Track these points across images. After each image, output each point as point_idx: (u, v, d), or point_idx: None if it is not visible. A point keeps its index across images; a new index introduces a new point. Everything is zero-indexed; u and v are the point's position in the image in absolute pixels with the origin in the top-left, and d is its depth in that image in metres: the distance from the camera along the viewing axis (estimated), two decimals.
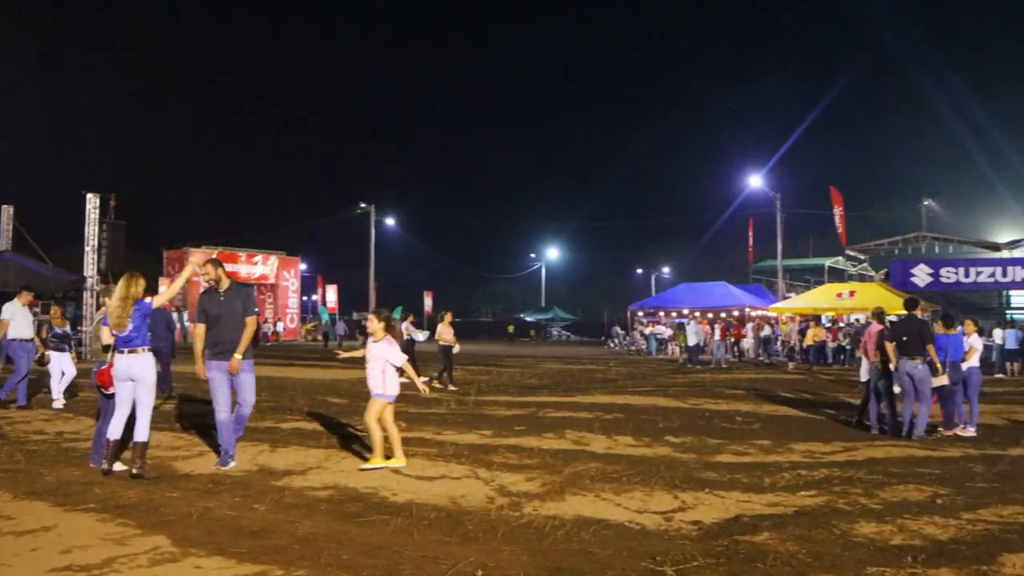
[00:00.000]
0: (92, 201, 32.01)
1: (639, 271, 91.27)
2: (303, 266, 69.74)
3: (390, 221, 65.87)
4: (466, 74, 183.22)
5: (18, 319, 14.44)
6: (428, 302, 71.80)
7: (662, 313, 46.67)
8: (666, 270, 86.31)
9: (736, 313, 42.11)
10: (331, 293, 69.50)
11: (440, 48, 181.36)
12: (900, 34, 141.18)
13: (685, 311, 41.81)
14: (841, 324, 34.84)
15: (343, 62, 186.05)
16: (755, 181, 47.68)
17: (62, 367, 14.88)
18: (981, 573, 5.68)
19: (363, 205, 57.72)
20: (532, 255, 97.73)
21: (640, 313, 49.58)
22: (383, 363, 9.16)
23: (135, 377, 8.56)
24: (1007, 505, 7.77)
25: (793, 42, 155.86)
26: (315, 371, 25.55)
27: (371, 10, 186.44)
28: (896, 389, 12.37)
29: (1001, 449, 11.20)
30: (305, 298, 74.51)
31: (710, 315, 40.11)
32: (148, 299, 8.77)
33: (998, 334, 27.76)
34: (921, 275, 37.43)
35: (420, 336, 23.45)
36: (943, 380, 12.12)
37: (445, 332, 20.08)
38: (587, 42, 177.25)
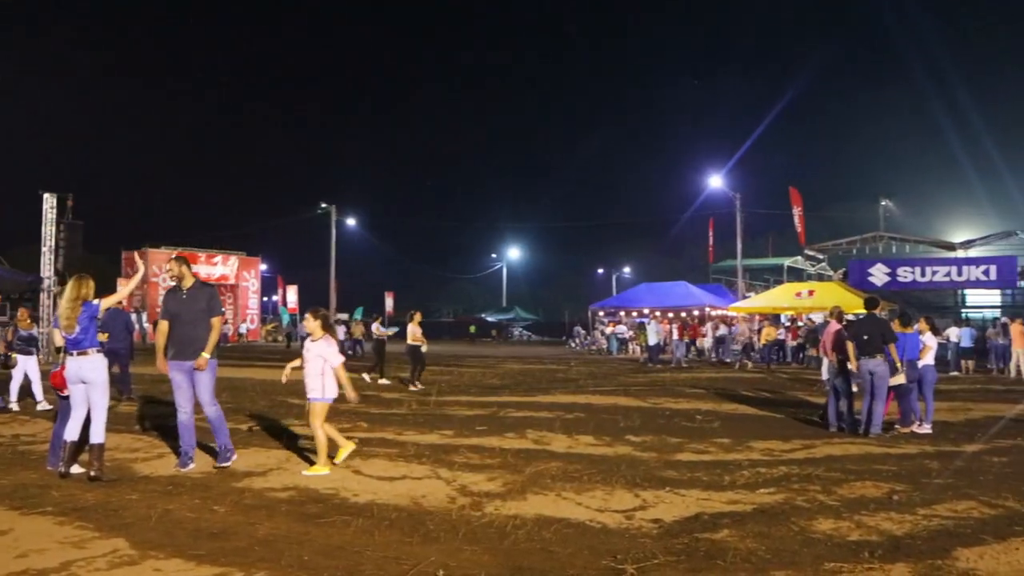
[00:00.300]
0: (49, 201, 31.67)
1: (600, 271, 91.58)
2: (263, 266, 69.39)
3: (351, 221, 65.67)
4: (426, 74, 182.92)
5: None
6: (389, 302, 71.63)
7: (623, 313, 46.85)
8: (627, 270, 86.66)
9: (696, 313, 42.35)
10: (291, 294, 69.06)
11: (400, 48, 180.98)
12: (857, 37, 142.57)
13: (646, 311, 42.00)
14: (800, 323, 35.10)
15: (303, 62, 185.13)
16: (715, 181, 47.94)
17: (26, 370, 14.70)
18: (936, 567, 5.75)
19: (324, 205, 57.47)
20: (493, 255, 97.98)
21: (601, 313, 49.74)
22: (322, 363, 8.97)
23: (86, 379, 8.49)
24: (961, 500, 7.88)
25: (753, 44, 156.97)
26: (275, 372, 25.28)
27: (330, 11, 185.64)
28: (854, 388, 12.51)
29: (956, 445, 11.34)
30: (265, 299, 74.10)
31: (670, 315, 40.34)
32: (97, 301, 8.68)
33: (953, 332, 28.10)
34: (879, 274, 37.89)
35: (388, 332, 23.49)
36: (900, 379, 12.27)
37: (414, 332, 20.03)
38: (548, 41, 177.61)
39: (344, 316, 57.63)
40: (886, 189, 69.87)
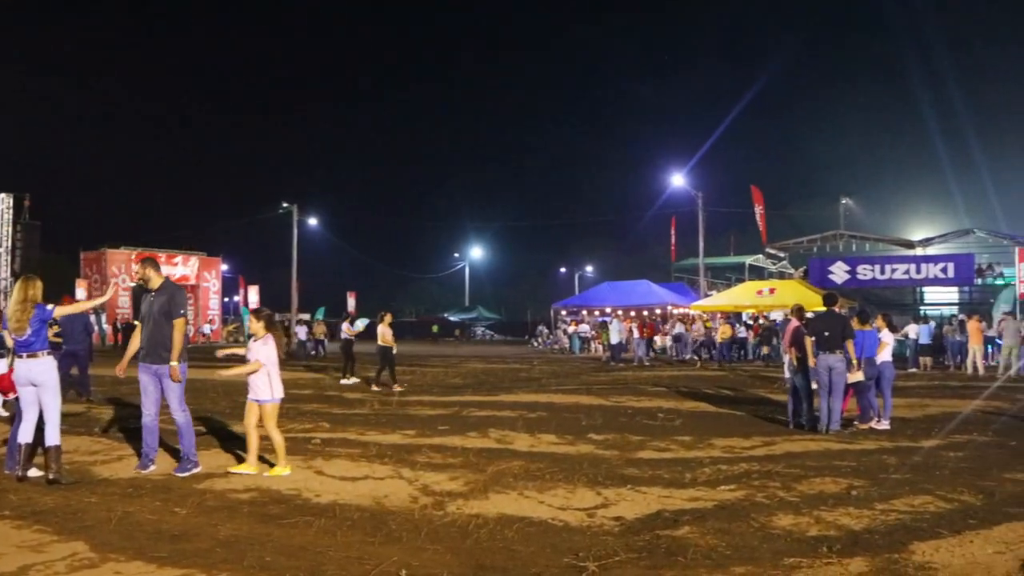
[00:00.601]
0: (5, 201, 31.41)
1: (563, 270, 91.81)
2: (224, 267, 68.80)
3: (313, 221, 65.36)
4: (389, 73, 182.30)
5: None
6: (351, 302, 71.16)
7: (585, 312, 47.00)
8: (589, 269, 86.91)
9: (659, 311, 42.55)
10: (253, 294, 68.50)
11: (362, 47, 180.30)
12: (818, 35, 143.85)
13: (608, 309, 42.16)
14: (762, 321, 35.39)
15: (264, 60, 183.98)
16: (677, 180, 48.19)
17: None
18: (892, 561, 5.83)
19: (285, 205, 57.14)
20: (456, 255, 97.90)
21: (563, 312, 49.89)
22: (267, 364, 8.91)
23: (36, 381, 8.41)
24: (918, 495, 7.98)
25: (715, 42, 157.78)
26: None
27: (292, 9, 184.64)
28: (813, 385, 12.63)
29: (914, 441, 11.49)
30: (227, 299, 73.49)
31: (633, 313, 40.48)
32: (51, 306, 8.59)
33: (912, 329, 28.41)
34: (839, 272, 38.25)
35: (359, 325, 23.41)
36: (858, 376, 12.41)
37: (385, 333, 19.96)
38: (509, 40, 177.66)
39: (306, 316, 57.27)
40: (846, 188, 70.67)
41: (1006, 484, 8.54)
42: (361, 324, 24.07)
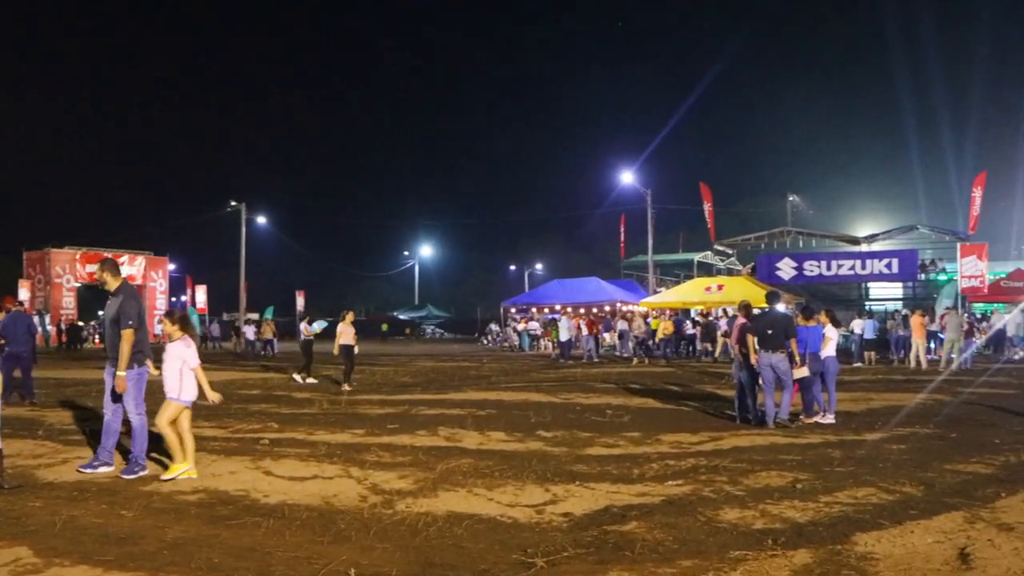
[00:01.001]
0: None
1: (513, 268, 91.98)
2: (172, 266, 68.07)
3: (261, 219, 64.93)
4: (337, 71, 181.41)
5: None
6: (300, 301, 70.51)
7: (535, 309, 47.07)
8: (539, 266, 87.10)
9: (608, 308, 42.74)
10: (200, 294, 67.78)
11: (310, 45, 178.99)
12: (765, 32, 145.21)
13: (557, 307, 42.30)
14: (699, 318, 35.69)
15: (210, 58, 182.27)
16: (626, 178, 48.54)
17: None
18: (835, 552, 5.95)
19: (233, 203, 56.67)
20: (406, 253, 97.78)
21: (513, 310, 49.94)
22: (180, 364, 8.74)
23: None
24: (861, 487, 8.13)
25: (664, 40, 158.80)
26: None
27: (238, 5, 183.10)
28: (760, 381, 12.78)
29: (858, 435, 11.67)
30: (174, 299, 72.67)
31: (582, 310, 40.63)
32: None
33: (857, 324, 28.80)
34: (786, 268, 38.68)
35: (317, 327, 23.28)
36: (803, 372, 12.58)
37: (346, 332, 19.80)
38: (459, 36, 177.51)
39: (255, 316, 56.80)
40: (794, 185, 71.35)
41: (946, 475, 8.72)
42: (319, 326, 23.93)
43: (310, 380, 21.29)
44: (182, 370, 8.75)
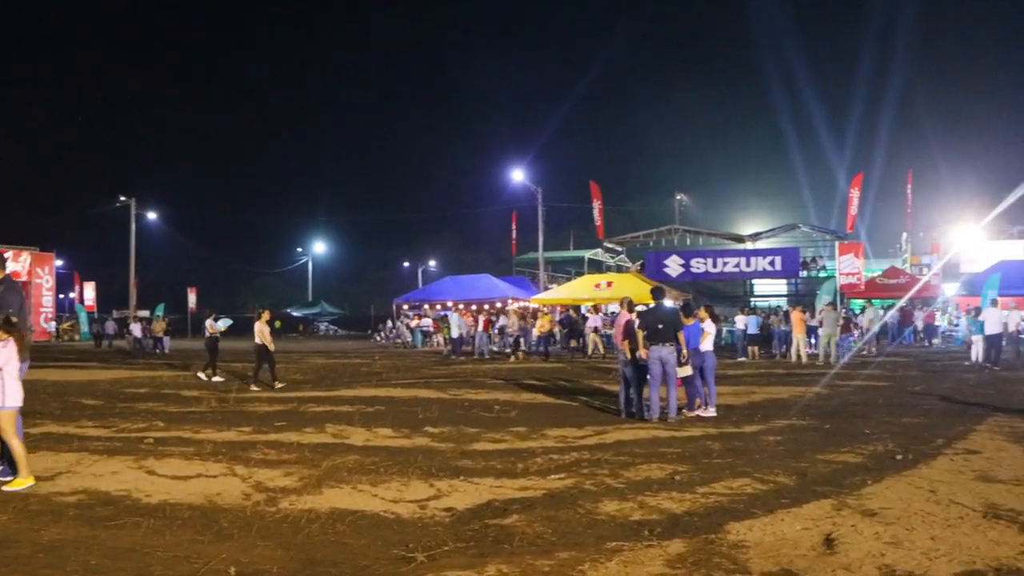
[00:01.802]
0: None
1: (406, 264, 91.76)
2: (59, 262, 66.17)
3: (152, 215, 63.69)
4: (228, 65, 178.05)
5: None
6: (192, 298, 69.23)
7: (427, 306, 47.02)
8: (433, 263, 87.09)
9: (500, 304, 42.93)
10: (89, 291, 66.12)
11: (201, 38, 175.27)
12: (651, 31, 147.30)
13: (450, 303, 42.33)
14: (560, 314, 36.21)
15: (102, 52, 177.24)
16: (517, 175, 48.90)
17: None
18: (709, 541, 6.15)
19: (123, 198, 55.44)
20: (299, 249, 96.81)
21: (406, 306, 49.80)
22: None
23: None
24: (738, 478, 8.40)
25: (558, 39, 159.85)
26: (70, 373, 24.44)
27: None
28: (648, 376, 13.02)
29: (737, 427, 12.01)
30: (62, 296, 70.80)
31: (474, 307, 40.73)
32: None
33: (740, 320, 29.52)
34: (674, 265, 39.44)
35: (223, 324, 22.89)
36: (687, 371, 12.89)
37: (263, 330, 19.45)
38: (350, 34, 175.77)
39: (146, 313, 55.52)
40: (683, 184, 72.82)
41: (818, 465, 9.06)
42: (223, 324, 23.53)
43: (216, 379, 20.98)
44: (4, 375, 8.15)
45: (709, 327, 13.79)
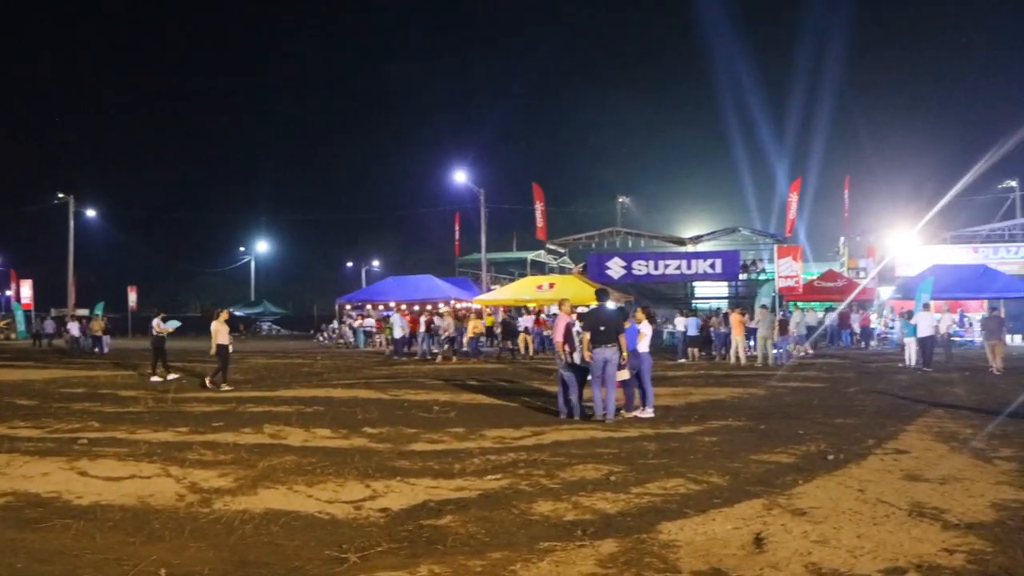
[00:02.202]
0: None
1: (350, 264, 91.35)
2: None
3: (91, 213, 62.81)
4: (170, 67, 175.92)
5: None
6: (132, 297, 68.33)
7: (370, 306, 46.85)
8: (376, 263, 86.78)
9: (442, 305, 42.90)
10: (26, 289, 64.97)
11: (145, 34, 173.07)
12: (592, 34, 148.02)
13: (392, 304, 42.20)
14: (489, 314, 36.32)
15: (48, 48, 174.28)
16: (460, 176, 48.95)
17: None
18: (640, 540, 6.23)
19: (60, 195, 54.58)
20: (242, 248, 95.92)
21: (348, 307, 49.57)
22: None
23: None
24: (672, 478, 8.49)
25: (503, 40, 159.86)
26: (5, 372, 24.07)
27: None
28: (588, 377, 13.09)
29: (674, 428, 12.12)
30: None
31: (416, 308, 40.67)
32: None
33: (680, 322, 29.79)
34: (615, 267, 39.62)
35: (171, 325, 22.61)
36: (625, 375, 12.98)
37: (221, 331, 19.18)
38: (296, 32, 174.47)
39: (84, 311, 54.68)
40: (625, 187, 73.31)
41: (751, 465, 9.19)
42: (172, 325, 23.21)
43: (171, 376, 20.85)
44: None
45: (646, 329, 13.90)
